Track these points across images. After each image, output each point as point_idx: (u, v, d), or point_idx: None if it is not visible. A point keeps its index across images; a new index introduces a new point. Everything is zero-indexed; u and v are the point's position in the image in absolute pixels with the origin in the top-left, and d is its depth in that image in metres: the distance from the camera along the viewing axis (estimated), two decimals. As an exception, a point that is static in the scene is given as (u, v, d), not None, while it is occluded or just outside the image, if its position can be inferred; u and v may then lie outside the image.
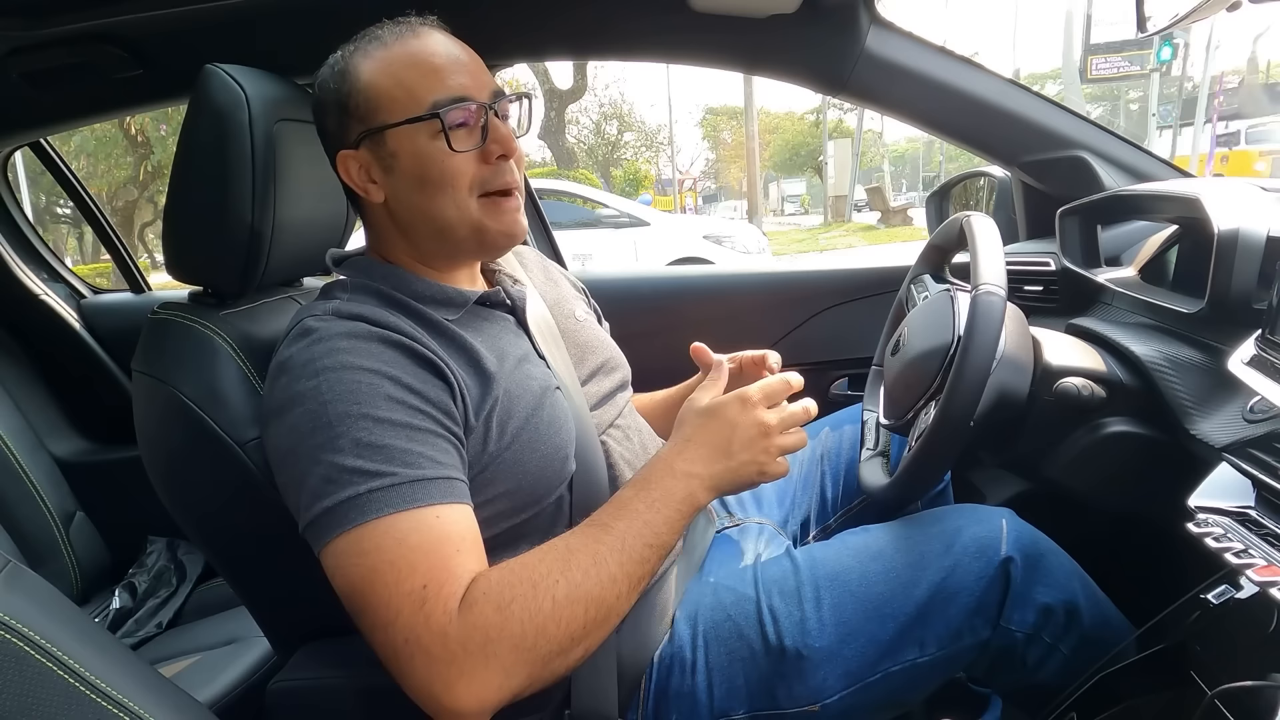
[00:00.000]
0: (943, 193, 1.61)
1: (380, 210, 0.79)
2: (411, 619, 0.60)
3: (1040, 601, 0.76)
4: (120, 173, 14.01)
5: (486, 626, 0.60)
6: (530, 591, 0.62)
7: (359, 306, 0.72)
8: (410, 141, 0.74)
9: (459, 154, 0.73)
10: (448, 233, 0.77)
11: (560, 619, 0.62)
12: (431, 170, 0.74)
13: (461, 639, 0.60)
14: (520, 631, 0.61)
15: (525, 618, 0.61)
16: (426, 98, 0.73)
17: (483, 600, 0.61)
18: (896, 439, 1.01)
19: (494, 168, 0.75)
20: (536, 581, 0.63)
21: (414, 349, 0.70)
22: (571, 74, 18.05)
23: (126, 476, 1.43)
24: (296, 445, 0.66)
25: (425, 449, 0.66)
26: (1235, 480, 0.66)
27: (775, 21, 1.16)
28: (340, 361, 0.67)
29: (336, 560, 0.63)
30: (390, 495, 0.63)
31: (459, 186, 0.75)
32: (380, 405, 0.65)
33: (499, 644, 0.60)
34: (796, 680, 0.74)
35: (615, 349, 0.98)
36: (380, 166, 0.76)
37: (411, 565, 0.61)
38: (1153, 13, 0.91)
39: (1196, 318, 0.81)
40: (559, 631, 0.62)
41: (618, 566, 0.65)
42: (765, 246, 7.93)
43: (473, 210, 0.76)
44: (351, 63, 0.76)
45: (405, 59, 0.74)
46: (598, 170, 22.41)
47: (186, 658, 1.22)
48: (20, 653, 0.46)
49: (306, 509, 0.65)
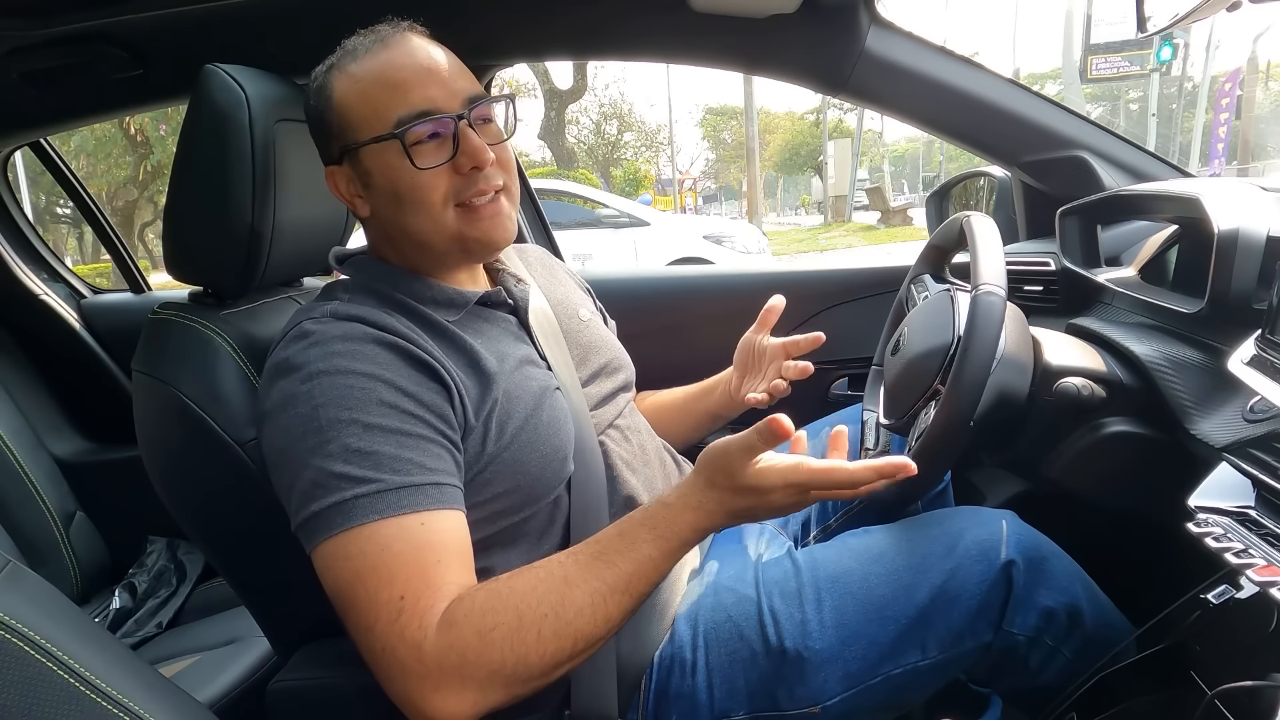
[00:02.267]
0: (943, 193, 1.60)
1: (371, 221, 0.80)
2: (387, 629, 0.61)
3: (1042, 604, 0.76)
4: (120, 173, 14.01)
5: (464, 649, 0.60)
6: (515, 622, 0.61)
7: (357, 308, 0.72)
8: (380, 159, 0.74)
9: (425, 170, 0.73)
10: (428, 246, 0.77)
11: (545, 652, 0.62)
12: (402, 187, 0.74)
13: (437, 657, 0.60)
14: (500, 659, 0.61)
15: (506, 647, 0.61)
16: (391, 115, 0.72)
17: (463, 622, 0.61)
18: (896, 439, 1.01)
19: (467, 178, 0.74)
20: (524, 613, 0.62)
21: (411, 352, 0.70)
22: (571, 74, 18.07)
23: (126, 476, 1.43)
24: (288, 448, 0.67)
25: (415, 455, 0.66)
26: (1235, 480, 0.65)
27: (775, 21, 1.16)
28: (335, 365, 0.67)
29: (323, 563, 0.64)
30: (376, 501, 0.63)
31: (432, 201, 0.74)
32: (372, 411, 0.66)
33: (476, 668, 0.60)
34: (797, 682, 0.74)
35: (619, 350, 0.98)
36: (361, 182, 0.77)
37: (392, 573, 0.62)
38: (1153, 13, 0.91)
39: (1196, 318, 0.81)
40: (542, 662, 0.62)
41: (616, 607, 0.64)
42: (765, 246, 7.94)
43: (449, 222, 0.75)
44: (328, 79, 0.76)
45: (371, 75, 0.74)
46: (598, 170, 22.40)
47: (186, 658, 1.22)
48: (20, 653, 0.47)
49: (297, 512, 0.66)
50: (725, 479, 0.66)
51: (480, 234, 0.76)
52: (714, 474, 0.67)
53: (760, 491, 0.65)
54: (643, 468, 0.89)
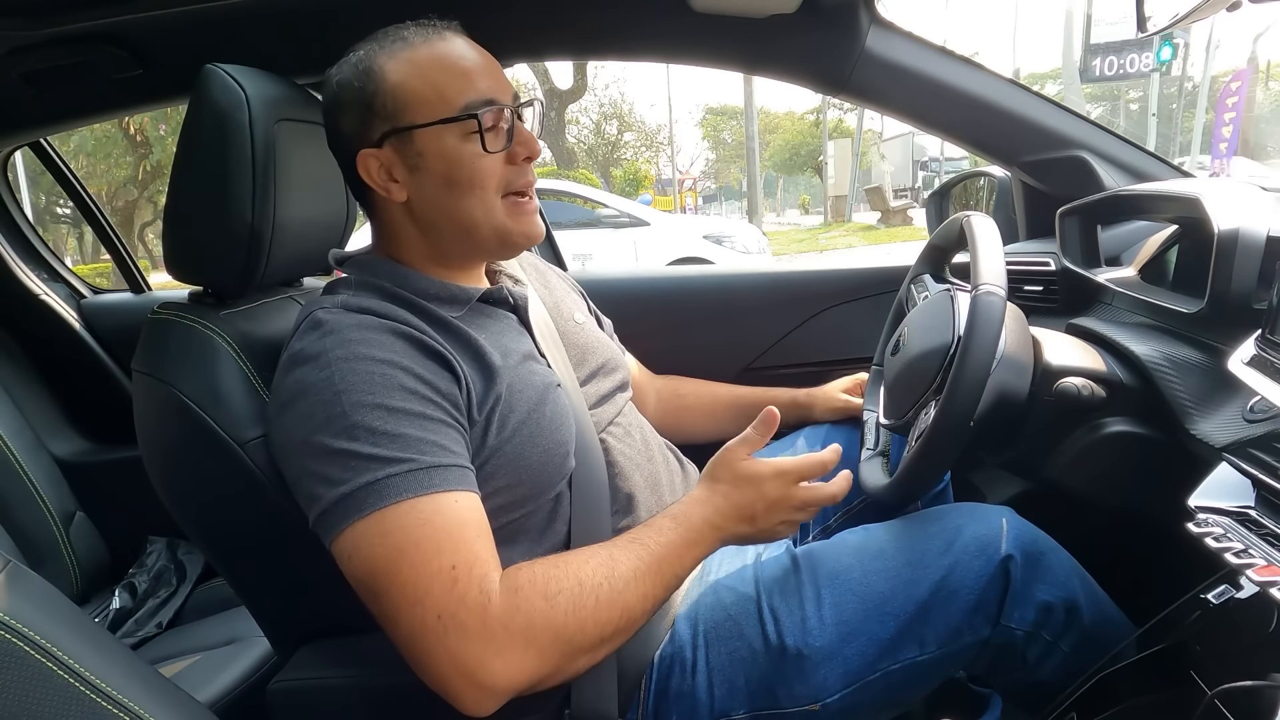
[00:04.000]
0: (943, 193, 1.61)
1: (398, 209, 0.79)
2: (445, 596, 0.61)
3: (1040, 599, 0.76)
4: (120, 172, 14.02)
5: (531, 611, 0.62)
6: (577, 587, 0.65)
7: (365, 300, 0.74)
8: (439, 142, 0.75)
9: (490, 155, 0.75)
10: (472, 232, 0.78)
11: (600, 619, 0.65)
12: (461, 171, 0.75)
13: (504, 619, 0.62)
14: (564, 622, 0.63)
15: (570, 610, 0.64)
16: (458, 100, 0.74)
17: (528, 587, 0.64)
18: (896, 439, 1.01)
19: (518, 169, 0.78)
20: (583, 580, 0.66)
21: (423, 340, 0.71)
22: (571, 74, 18.09)
23: (126, 476, 1.43)
24: (309, 436, 0.66)
25: (439, 438, 0.67)
26: (1235, 480, 0.65)
27: (775, 21, 1.16)
28: (353, 352, 0.68)
29: (355, 543, 0.63)
30: (410, 480, 0.64)
31: (487, 187, 0.76)
32: (394, 395, 0.67)
33: (543, 630, 0.62)
34: (797, 679, 0.74)
35: (614, 350, 0.99)
36: (405, 166, 0.76)
37: (438, 545, 0.63)
38: (1153, 13, 0.91)
39: (1196, 318, 0.81)
40: (596, 630, 0.65)
41: (651, 586, 0.68)
42: (765, 246, 7.94)
43: (498, 211, 0.78)
44: (377, 62, 0.76)
45: (435, 61, 0.75)
46: (598, 170, 22.42)
47: (186, 658, 1.22)
48: (20, 653, 0.47)
49: (321, 497, 0.65)
50: (726, 471, 0.75)
51: (524, 228, 0.80)
52: (717, 468, 0.76)
53: (755, 480, 0.73)
54: (645, 464, 0.89)
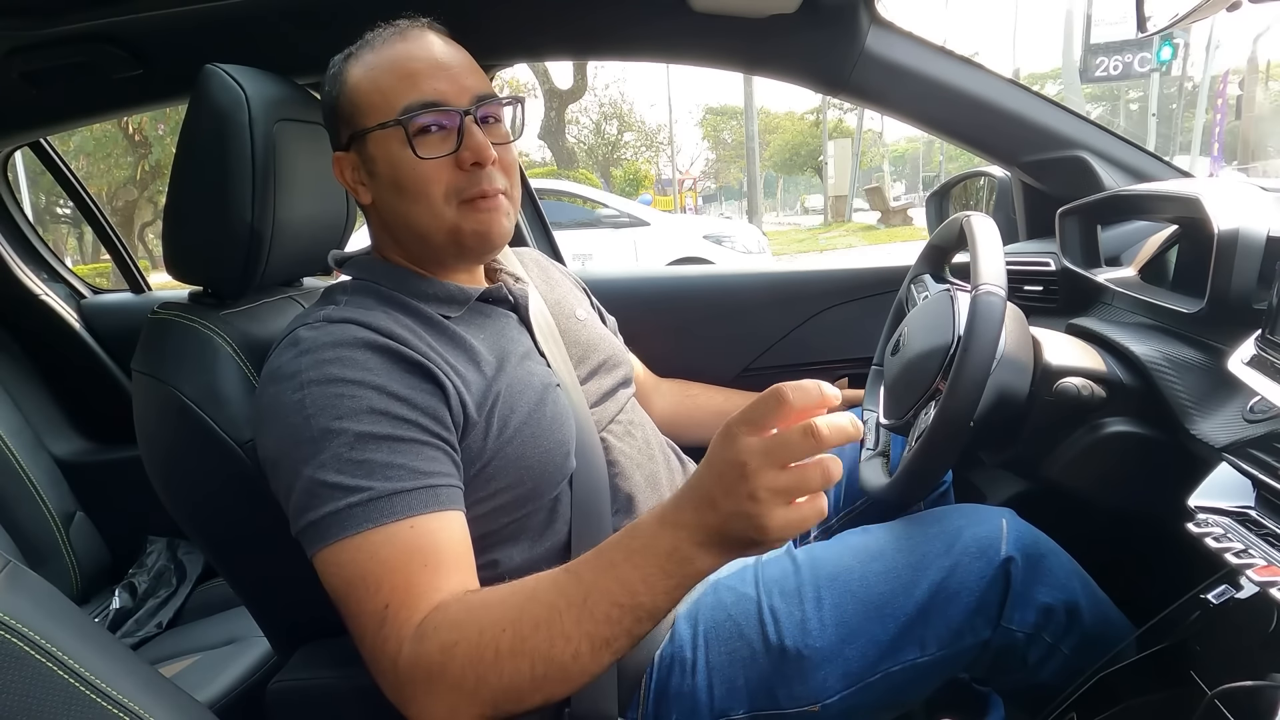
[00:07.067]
0: (943, 193, 1.60)
1: (371, 211, 0.81)
2: (373, 639, 0.62)
3: (1041, 601, 0.76)
4: (120, 173, 14.02)
5: (430, 664, 0.60)
6: (476, 638, 0.59)
7: (353, 310, 0.73)
8: (385, 147, 0.75)
9: (426, 161, 0.74)
10: (426, 238, 0.78)
11: (502, 671, 0.58)
12: (403, 176, 0.75)
13: (408, 670, 0.61)
14: (460, 675, 0.59)
15: (466, 664, 0.59)
16: (398, 103, 0.74)
17: (432, 635, 0.60)
18: (896, 439, 1.01)
19: (469, 174, 0.75)
20: (485, 629, 0.59)
21: (402, 354, 0.70)
22: (571, 74, 18.08)
23: (126, 476, 1.43)
24: (281, 458, 0.68)
25: (407, 459, 0.66)
26: (1235, 480, 0.65)
27: (775, 21, 1.16)
28: (325, 374, 0.68)
29: (322, 569, 0.66)
30: (367, 510, 0.64)
31: (432, 194, 0.75)
32: (363, 419, 0.66)
33: (440, 683, 0.60)
34: (797, 680, 0.74)
35: (617, 346, 0.99)
36: (365, 170, 0.78)
37: (378, 582, 0.63)
38: (1153, 13, 0.91)
39: (1196, 318, 0.81)
40: (500, 682, 0.59)
41: (574, 624, 0.58)
42: (765, 246, 7.94)
43: (448, 216, 0.76)
44: (344, 66, 0.78)
45: (385, 63, 0.75)
46: (598, 170, 22.40)
47: (186, 658, 1.22)
48: (20, 653, 0.47)
49: (294, 520, 0.67)
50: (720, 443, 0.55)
51: (477, 226, 0.76)
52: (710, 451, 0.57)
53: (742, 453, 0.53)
54: (646, 462, 0.89)
